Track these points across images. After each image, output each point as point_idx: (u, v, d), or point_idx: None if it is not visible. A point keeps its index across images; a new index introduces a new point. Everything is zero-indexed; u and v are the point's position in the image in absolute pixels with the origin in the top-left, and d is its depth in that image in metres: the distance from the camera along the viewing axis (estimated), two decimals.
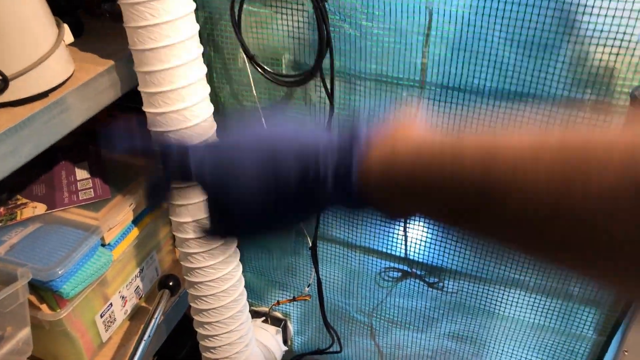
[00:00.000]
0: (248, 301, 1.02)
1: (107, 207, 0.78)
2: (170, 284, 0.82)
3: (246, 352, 0.85)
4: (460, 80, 0.64)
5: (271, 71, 0.71)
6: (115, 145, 0.40)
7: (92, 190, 0.81)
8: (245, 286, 0.83)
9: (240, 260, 0.80)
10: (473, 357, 0.89)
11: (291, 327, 1.03)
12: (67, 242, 0.72)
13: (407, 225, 0.79)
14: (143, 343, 0.70)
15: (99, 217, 0.76)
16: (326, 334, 0.98)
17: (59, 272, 0.68)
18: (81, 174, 0.84)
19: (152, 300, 0.86)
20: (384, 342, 0.95)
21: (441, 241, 0.78)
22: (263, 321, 1.01)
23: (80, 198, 0.79)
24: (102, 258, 0.75)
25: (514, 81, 0.62)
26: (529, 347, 0.83)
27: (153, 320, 0.72)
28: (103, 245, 0.77)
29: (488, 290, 0.79)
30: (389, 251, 0.84)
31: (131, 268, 0.85)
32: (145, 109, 0.66)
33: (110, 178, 0.84)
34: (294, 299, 0.97)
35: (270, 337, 0.97)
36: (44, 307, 0.72)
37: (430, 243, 0.80)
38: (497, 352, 0.86)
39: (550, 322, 0.79)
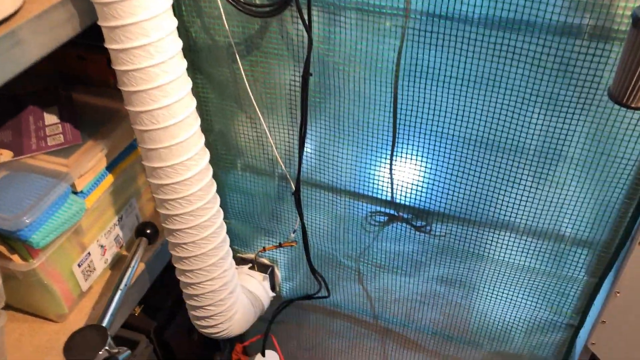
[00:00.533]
0: (234, 248, 1.00)
1: (78, 153, 0.75)
2: (148, 231, 0.80)
3: (231, 298, 0.83)
4: (447, 6, 0.58)
5: (243, 1, 0.65)
6: None
7: (61, 135, 0.77)
8: (230, 233, 0.80)
9: (221, 206, 0.77)
10: (462, 300, 0.88)
11: (279, 273, 1.01)
12: (35, 190, 0.69)
13: (393, 168, 0.76)
14: (119, 292, 0.68)
15: (69, 164, 0.73)
16: (314, 280, 0.97)
17: (27, 221, 0.65)
18: (50, 118, 0.80)
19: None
20: (372, 286, 0.94)
21: (428, 184, 0.75)
22: (250, 268, 0.99)
23: (49, 144, 0.75)
24: (74, 206, 0.72)
25: (505, 6, 0.57)
26: (519, 290, 0.82)
27: (130, 269, 0.70)
28: (75, 192, 0.74)
29: (477, 233, 0.77)
30: (374, 195, 0.81)
31: (109, 216, 0.82)
32: (107, 45, 0.61)
33: (82, 123, 0.80)
34: (279, 245, 0.94)
35: (257, 284, 0.95)
36: (15, 257, 0.69)
37: (417, 186, 0.76)
38: (487, 295, 0.85)
39: (541, 265, 0.77)
